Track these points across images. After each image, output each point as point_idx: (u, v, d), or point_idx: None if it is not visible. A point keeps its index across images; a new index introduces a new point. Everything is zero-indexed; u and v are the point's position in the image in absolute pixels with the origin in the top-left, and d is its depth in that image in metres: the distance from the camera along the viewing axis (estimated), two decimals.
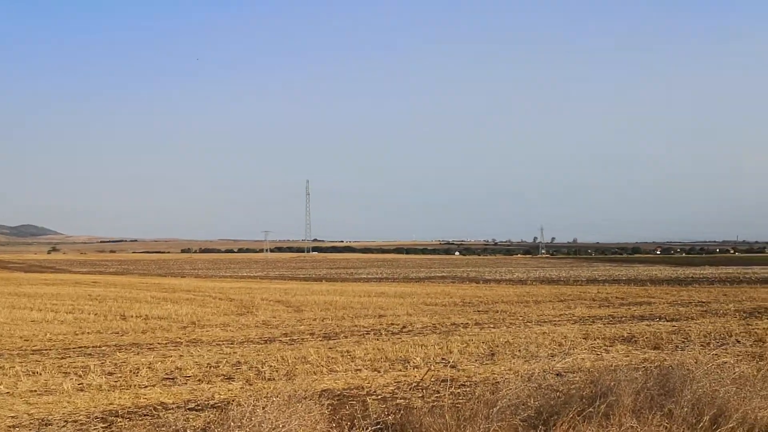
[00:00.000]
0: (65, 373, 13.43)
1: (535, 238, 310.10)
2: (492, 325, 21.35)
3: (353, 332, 19.83)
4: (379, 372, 13.38)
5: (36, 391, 11.81)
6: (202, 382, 12.51)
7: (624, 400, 8.51)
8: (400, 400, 10.68)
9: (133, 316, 24.74)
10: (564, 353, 15.44)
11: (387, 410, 9.66)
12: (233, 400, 9.48)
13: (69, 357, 15.59)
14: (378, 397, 11.12)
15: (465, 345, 16.69)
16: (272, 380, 12.37)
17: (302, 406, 8.21)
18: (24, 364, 14.40)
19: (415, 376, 12.67)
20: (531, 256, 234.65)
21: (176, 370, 13.58)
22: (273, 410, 7.85)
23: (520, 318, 23.53)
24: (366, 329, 20.51)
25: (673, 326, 20.71)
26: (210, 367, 13.91)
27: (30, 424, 9.62)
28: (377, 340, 18.09)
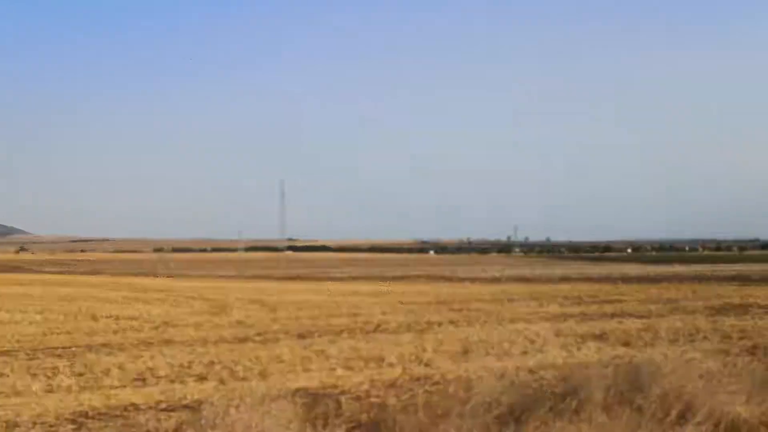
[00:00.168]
0: (34, 374, 13.21)
1: (509, 237, 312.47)
2: (466, 324, 21.48)
3: (328, 331, 19.81)
4: (353, 371, 13.40)
5: (4, 392, 11.59)
6: (175, 382, 12.41)
7: (595, 396, 8.63)
8: (374, 399, 10.70)
9: (104, 317, 24.40)
10: (536, 351, 15.60)
11: (361, 409, 9.68)
12: (206, 400, 9.41)
13: (38, 358, 15.34)
14: (352, 395, 11.12)
15: (439, 343, 16.77)
16: (246, 380, 12.31)
17: (276, 406, 8.18)
18: None
19: (390, 375, 12.71)
20: (505, 254, 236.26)
21: (148, 371, 13.44)
22: (246, 410, 7.81)
23: (494, 316, 23.70)
24: (341, 328, 20.50)
25: (644, 323, 21.02)
26: (182, 368, 13.79)
27: None
28: (352, 339, 18.09)
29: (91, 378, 12.80)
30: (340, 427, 8.20)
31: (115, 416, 9.91)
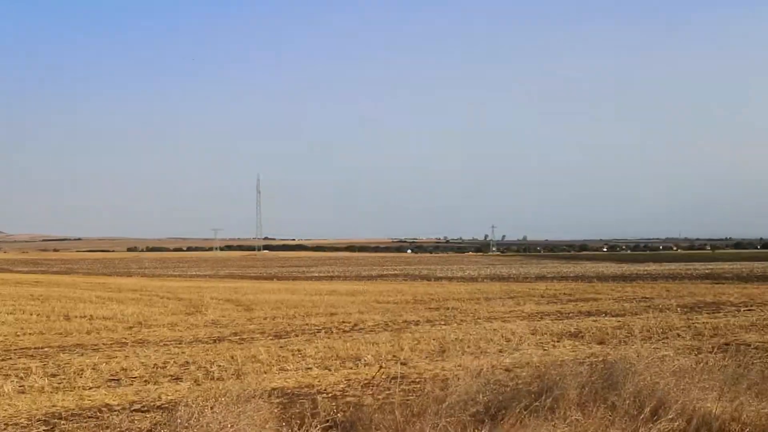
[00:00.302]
0: (6, 375, 12.99)
1: (486, 236, 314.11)
2: (443, 323, 21.55)
3: (304, 331, 19.74)
4: (329, 370, 13.38)
5: None
6: (149, 382, 12.28)
7: (569, 393, 8.71)
8: (351, 398, 10.70)
9: (77, 317, 24.05)
10: (512, 349, 15.72)
11: (337, 408, 9.68)
12: (181, 400, 9.31)
13: (10, 359, 15.08)
14: (329, 395, 11.12)
15: (416, 342, 16.80)
16: (221, 380, 12.21)
17: (251, 405, 8.13)
18: None
19: (366, 374, 12.69)
20: (482, 253, 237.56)
21: (122, 371, 13.30)
22: (221, 410, 7.75)
23: (471, 315, 23.82)
24: (317, 327, 20.45)
25: (618, 321, 21.28)
26: (157, 368, 13.65)
27: None
28: (328, 338, 18.06)
29: (64, 379, 12.62)
30: (316, 426, 8.17)
31: (89, 417, 9.78)
